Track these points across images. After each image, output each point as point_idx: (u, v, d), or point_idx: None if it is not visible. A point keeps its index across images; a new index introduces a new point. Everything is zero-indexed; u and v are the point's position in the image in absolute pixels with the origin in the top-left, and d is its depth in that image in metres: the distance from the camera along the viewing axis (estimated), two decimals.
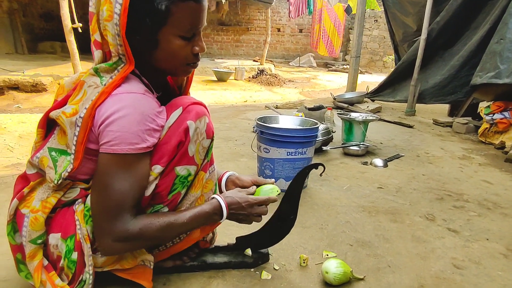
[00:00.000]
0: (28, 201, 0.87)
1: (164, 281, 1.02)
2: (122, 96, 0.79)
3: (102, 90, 0.79)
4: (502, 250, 1.32)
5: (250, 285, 1.03)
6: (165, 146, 0.85)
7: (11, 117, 3.12)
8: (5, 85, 4.48)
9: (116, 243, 0.80)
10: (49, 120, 0.88)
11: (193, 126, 0.87)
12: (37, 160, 0.87)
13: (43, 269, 0.85)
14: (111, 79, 0.80)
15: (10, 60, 6.03)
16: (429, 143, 2.92)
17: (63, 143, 0.84)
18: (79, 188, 0.88)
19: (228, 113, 3.93)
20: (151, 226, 0.82)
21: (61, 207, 0.88)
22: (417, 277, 1.12)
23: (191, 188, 0.94)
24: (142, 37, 0.81)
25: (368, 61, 11.08)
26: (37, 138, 0.90)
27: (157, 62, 0.87)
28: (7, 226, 0.88)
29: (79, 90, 0.83)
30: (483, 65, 3.17)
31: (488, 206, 1.72)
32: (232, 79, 7.05)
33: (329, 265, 1.04)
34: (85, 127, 0.79)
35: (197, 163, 0.91)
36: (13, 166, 1.95)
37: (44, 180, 0.88)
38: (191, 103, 0.90)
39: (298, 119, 1.92)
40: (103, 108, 0.78)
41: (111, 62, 0.82)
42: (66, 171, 0.82)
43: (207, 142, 0.92)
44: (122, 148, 0.77)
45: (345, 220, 1.48)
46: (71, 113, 0.80)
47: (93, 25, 0.81)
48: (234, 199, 0.95)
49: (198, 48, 0.87)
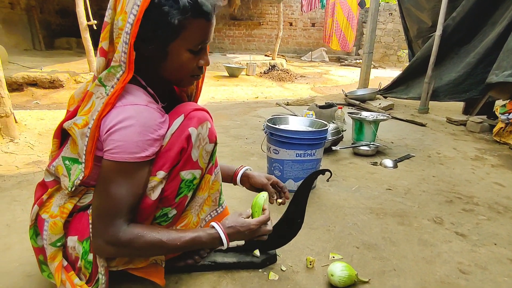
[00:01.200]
0: (47, 207, 0.93)
1: (176, 280, 1.07)
2: (126, 108, 0.83)
3: (106, 101, 0.83)
4: (510, 256, 1.32)
5: (258, 285, 1.07)
6: (168, 153, 0.89)
7: (31, 114, 3.24)
8: (24, 82, 4.63)
9: (107, 246, 0.84)
10: (63, 130, 0.93)
11: (195, 133, 0.91)
12: (54, 168, 0.93)
13: (62, 269, 0.92)
14: (112, 89, 0.83)
15: (28, 57, 6.20)
16: (441, 143, 2.89)
17: (75, 152, 0.89)
18: (92, 194, 0.94)
19: (239, 110, 3.96)
20: (141, 238, 0.85)
21: (77, 212, 0.94)
22: (421, 281, 1.14)
23: (198, 191, 0.99)
24: (153, 47, 0.85)
25: (382, 56, 10.89)
26: (53, 148, 0.95)
27: (164, 72, 0.91)
28: (30, 231, 0.95)
29: (87, 100, 0.87)
30: (499, 63, 3.09)
31: (499, 210, 1.71)
32: (244, 74, 7.06)
33: (335, 268, 1.07)
34: (92, 137, 0.84)
35: (202, 167, 0.96)
36: (34, 164, 2.04)
37: (61, 187, 0.94)
38: (193, 110, 0.93)
39: (307, 120, 1.94)
40: (108, 119, 0.82)
41: (109, 68, 0.85)
42: (78, 178, 0.87)
43: (210, 146, 0.96)
44: (122, 156, 0.81)
45: (352, 222, 1.51)
46: (82, 124, 0.85)
47: (104, 34, 0.85)
48: (235, 229, 0.97)
49: (203, 61, 0.92)
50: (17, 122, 2.56)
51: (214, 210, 1.06)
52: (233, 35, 11.44)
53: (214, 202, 1.05)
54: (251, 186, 1.19)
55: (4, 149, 2.21)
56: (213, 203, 1.05)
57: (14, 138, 2.36)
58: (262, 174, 1.19)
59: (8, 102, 2.31)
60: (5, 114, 2.28)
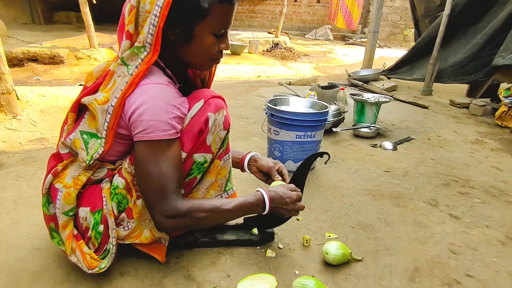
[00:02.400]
0: (61, 177, 0.97)
1: (177, 255, 1.12)
2: (148, 87, 0.86)
3: (131, 81, 0.85)
4: (501, 238, 1.37)
5: (255, 262, 1.12)
6: (188, 134, 0.93)
7: (32, 90, 3.23)
8: (25, 57, 4.58)
9: (168, 220, 0.89)
10: (80, 105, 0.95)
11: (212, 118, 0.95)
12: (70, 141, 0.96)
13: (73, 237, 0.97)
14: (136, 69, 0.86)
15: (27, 31, 6.10)
16: (442, 126, 2.89)
17: (93, 127, 0.93)
18: (106, 169, 0.98)
19: (241, 89, 3.94)
20: (199, 206, 0.91)
21: (90, 184, 0.98)
22: (413, 261, 1.19)
23: (207, 174, 1.03)
24: (180, 31, 0.87)
25: (388, 34, 10.62)
26: (70, 121, 0.98)
27: (187, 55, 0.93)
28: (43, 199, 0.99)
29: (109, 79, 0.90)
30: (507, 45, 3.03)
31: (494, 193, 1.74)
32: (246, 52, 6.95)
33: (330, 247, 1.12)
34: (115, 115, 0.87)
35: (213, 152, 0.99)
36: (37, 141, 2.07)
37: (75, 159, 0.98)
38: (212, 97, 0.97)
39: (308, 101, 1.94)
40: (132, 98, 0.85)
41: (133, 48, 0.87)
42: (98, 153, 0.91)
43: (223, 133, 1.00)
44: (157, 134, 0.85)
45: (349, 203, 1.55)
46: (103, 101, 0.88)
47: (131, 17, 0.86)
48: (277, 194, 1.03)
49: (224, 45, 0.94)
50: (19, 98, 2.57)
51: (220, 195, 1.10)
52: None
53: (220, 188, 1.09)
54: (257, 169, 1.21)
55: (7, 126, 2.23)
56: (219, 188, 1.08)
57: (16, 115, 2.37)
58: (269, 159, 1.21)
59: (9, 78, 2.30)
60: (7, 90, 2.29)
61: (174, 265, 1.08)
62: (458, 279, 1.11)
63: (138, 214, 0.96)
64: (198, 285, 1.01)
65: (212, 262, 1.11)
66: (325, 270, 1.11)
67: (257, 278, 1.00)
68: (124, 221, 0.97)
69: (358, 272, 1.11)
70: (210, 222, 0.99)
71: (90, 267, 0.94)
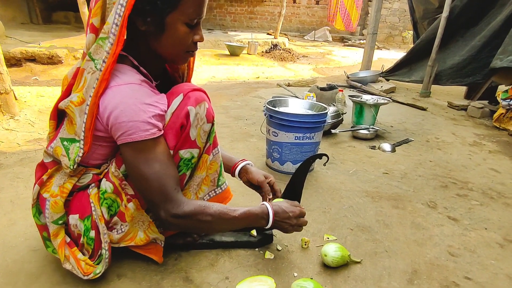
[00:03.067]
0: (47, 186, 0.96)
1: (175, 257, 1.12)
2: (121, 88, 0.84)
3: (100, 78, 0.82)
4: (499, 240, 1.37)
5: (254, 264, 1.12)
6: (171, 131, 0.91)
7: (30, 90, 3.22)
8: (23, 57, 4.57)
9: (174, 220, 0.89)
10: (59, 111, 0.94)
11: (193, 111, 0.93)
12: (52, 150, 0.95)
13: (66, 245, 0.96)
14: (104, 63, 0.82)
15: (26, 31, 6.08)
16: (440, 128, 2.90)
17: (72, 132, 0.91)
18: (91, 174, 0.97)
19: (240, 90, 3.94)
20: (205, 210, 0.91)
21: (77, 191, 0.97)
22: (411, 263, 1.19)
23: (196, 170, 1.02)
24: (151, 20, 0.85)
25: (386, 36, 10.66)
26: (50, 129, 0.97)
27: (161, 47, 0.90)
28: (32, 209, 0.98)
29: (80, 77, 0.87)
30: (505, 47, 3.04)
31: (492, 196, 1.75)
32: (245, 53, 6.94)
33: (328, 249, 1.11)
34: (91, 115, 0.85)
35: (199, 146, 0.97)
36: (35, 141, 2.06)
37: (60, 168, 0.97)
38: (191, 90, 0.94)
39: (307, 102, 1.94)
40: (106, 100, 0.83)
41: (97, 39, 0.84)
42: (78, 156, 0.89)
43: (207, 126, 0.98)
44: (140, 135, 0.83)
45: (348, 205, 1.55)
46: (79, 102, 0.85)
47: (96, 9, 0.84)
48: (280, 208, 1.03)
49: (198, 37, 0.92)
50: (17, 99, 2.56)
51: (213, 191, 1.09)
52: (235, 12, 11.13)
53: (212, 183, 1.08)
54: (247, 181, 1.21)
55: (5, 126, 2.22)
56: (211, 183, 1.07)
57: (14, 115, 2.36)
58: (261, 172, 1.20)
59: (7, 78, 2.29)
60: (5, 91, 2.28)
61: (172, 267, 1.07)
62: (456, 282, 1.11)
63: (131, 217, 0.95)
64: (196, 287, 1.00)
65: (211, 264, 1.10)
66: (324, 272, 1.10)
67: (255, 280, 1.00)
68: (117, 225, 0.96)
69: (357, 274, 1.11)
70: (214, 226, 0.98)
71: (85, 273, 0.93)
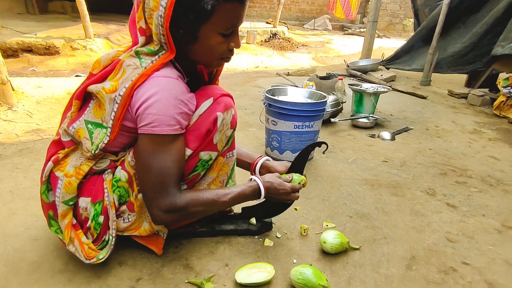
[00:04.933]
0: (62, 165, 0.96)
1: (176, 245, 1.12)
2: (159, 80, 0.84)
3: (143, 72, 0.84)
4: (497, 226, 1.38)
5: (253, 251, 1.13)
6: (195, 132, 0.92)
7: (28, 81, 3.20)
8: (19, 48, 4.51)
9: (165, 214, 0.89)
10: (86, 93, 0.93)
11: (221, 117, 0.94)
12: (73, 130, 0.94)
13: (72, 227, 0.96)
14: (151, 63, 0.85)
15: (22, 21, 6.00)
16: (440, 116, 2.89)
17: (99, 116, 0.91)
18: (109, 160, 0.97)
19: (239, 80, 3.91)
20: (197, 201, 0.92)
21: (92, 175, 0.97)
22: (410, 249, 1.20)
23: (210, 171, 1.02)
24: (184, 31, 0.85)
25: (387, 24, 10.54)
26: (73, 109, 0.96)
27: (194, 55, 0.91)
28: (42, 186, 0.98)
29: (118, 69, 0.88)
30: (506, 34, 3.01)
31: (491, 183, 1.75)
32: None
33: (327, 236, 1.12)
34: (123, 105, 0.85)
35: (219, 150, 0.99)
36: (33, 132, 2.05)
37: (77, 148, 0.97)
38: (221, 95, 0.96)
39: (306, 91, 1.92)
40: (141, 90, 0.84)
41: (153, 49, 0.86)
42: (103, 142, 0.90)
43: (230, 131, 1.00)
44: (162, 129, 0.84)
45: (347, 193, 1.55)
46: (111, 90, 0.86)
47: (139, 13, 0.85)
48: (272, 185, 1.04)
49: (234, 44, 0.91)
50: (14, 89, 2.54)
51: None
52: None
53: (221, 183, 1.08)
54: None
55: (3, 117, 2.21)
56: (220, 184, 1.08)
57: (12, 106, 2.35)
58: (283, 163, 1.20)
59: (3, 69, 2.27)
60: (1, 81, 2.26)
61: (172, 255, 1.08)
62: (454, 267, 1.12)
63: (139, 208, 0.96)
64: (197, 274, 1.01)
65: (211, 251, 1.11)
66: (323, 258, 1.11)
67: (255, 267, 1.01)
68: (124, 214, 0.96)
69: (356, 261, 1.12)
70: (208, 213, 1.00)
71: (88, 257, 0.94)
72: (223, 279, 1.00)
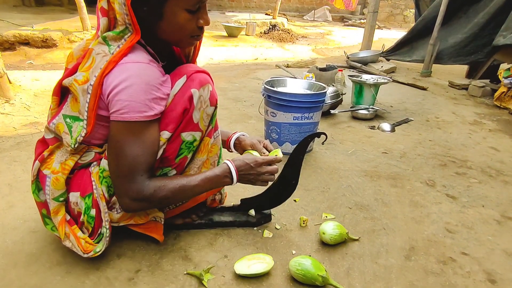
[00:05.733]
0: (48, 163, 0.95)
1: (174, 236, 1.12)
2: (128, 65, 0.82)
3: (110, 59, 0.82)
4: (496, 217, 1.38)
5: (252, 242, 1.13)
6: (171, 113, 0.90)
7: (25, 74, 3.17)
8: (16, 40, 4.46)
9: (133, 202, 0.88)
10: (63, 87, 0.93)
11: (197, 94, 0.91)
12: (54, 126, 0.93)
13: (66, 223, 0.96)
14: (118, 48, 0.83)
15: (18, 14, 5.93)
16: (441, 107, 2.87)
17: (76, 110, 0.90)
18: (93, 152, 0.96)
19: (238, 72, 3.88)
20: (164, 187, 0.90)
21: (79, 169, 0.97)
22: (409, 240, 1.20)
23: (197, 153, 1.01)
24: (148, 8, 0.82)
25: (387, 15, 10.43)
26: (53, 105, 0.95)
27: (162, 33, 0.89)
28: (32, 185, 0.97)
29: (88, 57, 0.86)
30: (508, 23, 2.98)
31: (491, 174, 1.74)
32: (243, 34, 6.81)
33: (326, 227, 1.12)
34: (95, 94, 0.84)
35: (202, 130, 0.97)
36: (31, 125, 2.04)
37: (61, 144, 0.96)
38: (195, 72, 0.93)
39: (306, 82, 1.91)
40: (110, 77, 0.82)
41: (118, 31, 0.84)
42: (81, 135, 0.88)
43: (211, 109, 0.97)
44: (132, 116, 0.82)
45: (346, 184, 1.55)
46: (83, 81, 0.85)
47: None
48: (242, 162, 1.01)
49: (203, 21, 0.88)
50: (11, 82, 2.51)
51: None
52: None
53: (212, 165, 1.07)
54: (242, 150, 1.19)
55: (1, 110, 2.19)
56: (211, 166, 1.07)
57: (9, 99, 2.33)
58: (255, 137, 1.19)
59: (0, 61, 2.25)
60: None
61: (171, 246, 1.08)
62: (453, 257, 1.12)
63: None
64: (195, 266, 1.01)
65: (210, 243, 1.11)
66: (322, 249, 1.11)
67: (254, 258, 1.01)
68: (116, 204, 0.96)
69: (355, 251, 1.12)
70: (178, 200, 0.99)
71: (85, 251, 0.93)
72: (222, 270, 1.00)
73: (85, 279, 0.94)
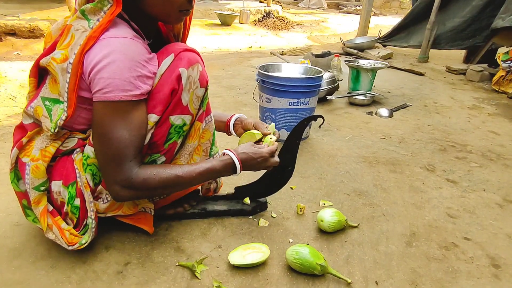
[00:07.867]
0: (27, 150, 0.88)
1: (166, 227, 1.07)
2: (110, 40, 0.76)
3: (90, 35, 0.75)
4: (498, 200, 1.34)
5: (248, 231, 1.08)
6: (159, 94, 0.83)
7: (11, 65, 3.07)
8: (2, 31, 4.32)
9: (123, 189, 0.81)
10: (40, 68, 0.86)
11: (185, 74, 0.85)
12: (32, 110, 0.87)
13: (48, 213, 0.90)
14: (98, 22, 0.76)
15: (3, 3, 5.74)
16: (439, 92, 2.83)
17: (56, 92, 0.83)
18: (76, 138, 0.90)
19: (232, 60, 3.79)
20: (155, 177, 0.83)
21: (61, 156, 0.90)
22: (410, 225, 1.16)
23: (188, 138, 0.95)
24: None
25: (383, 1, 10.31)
26: (30, 88, 0.89)
27: (149, 7, 0.82)
28: (10, 174, 0.91)
29: (66, 34, 0.79)
30: (507, 5, 2.91)
31: (491, 157, 1.71)
32: (237, 22, 6.68)
33: (324, 214, 1.07)
34: (75, 73, 0.77)
35: (192, 113, 0.90)
36: (17, 116, 1.96)
37: (41, 130, 0.89)
38: (183, 50, 0.86)
39: (302, 67, 1.84)
40: (91, 53, 0.75)
41: (96, 1, 0.77)
42: (61, 119, 0.82)
43: (201, 91, 0.90)
44: (116, 95, 0.75)
45: (344, 171, 1.50)
46: (62, 59, 0.78)
47: None
48: (248, 155, 0.95)
49: None
50: None
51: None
52: None
53: (204, 152, 1.01)
54: (243, 129, 1.13)
55: None
56: (203, 153, 1.01)
57: None
58: (256, 119, 1.13)
59: None
60: None
61: (162, 237, 1.03)
62: (455, 242, 1.09)
63: None
64: (188, 257, 0.96)
65: (203, 233, 1.06)
66: (320, 237, 1.07)
67: (249, 247, 0.96)
68: (102, 194, 0.90)
69: (354, 239, 1.08)
70: (171, 191, 0.93)
71: (70, 244, 0.88)
72: (216, 261, 0.95)
73: (71, 273, 0.89)
